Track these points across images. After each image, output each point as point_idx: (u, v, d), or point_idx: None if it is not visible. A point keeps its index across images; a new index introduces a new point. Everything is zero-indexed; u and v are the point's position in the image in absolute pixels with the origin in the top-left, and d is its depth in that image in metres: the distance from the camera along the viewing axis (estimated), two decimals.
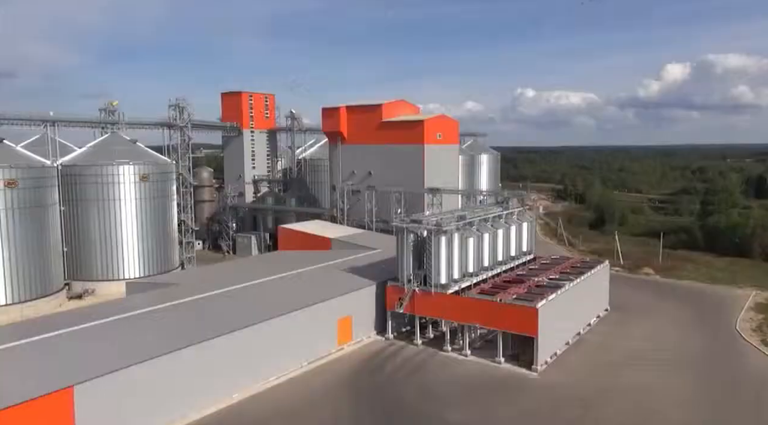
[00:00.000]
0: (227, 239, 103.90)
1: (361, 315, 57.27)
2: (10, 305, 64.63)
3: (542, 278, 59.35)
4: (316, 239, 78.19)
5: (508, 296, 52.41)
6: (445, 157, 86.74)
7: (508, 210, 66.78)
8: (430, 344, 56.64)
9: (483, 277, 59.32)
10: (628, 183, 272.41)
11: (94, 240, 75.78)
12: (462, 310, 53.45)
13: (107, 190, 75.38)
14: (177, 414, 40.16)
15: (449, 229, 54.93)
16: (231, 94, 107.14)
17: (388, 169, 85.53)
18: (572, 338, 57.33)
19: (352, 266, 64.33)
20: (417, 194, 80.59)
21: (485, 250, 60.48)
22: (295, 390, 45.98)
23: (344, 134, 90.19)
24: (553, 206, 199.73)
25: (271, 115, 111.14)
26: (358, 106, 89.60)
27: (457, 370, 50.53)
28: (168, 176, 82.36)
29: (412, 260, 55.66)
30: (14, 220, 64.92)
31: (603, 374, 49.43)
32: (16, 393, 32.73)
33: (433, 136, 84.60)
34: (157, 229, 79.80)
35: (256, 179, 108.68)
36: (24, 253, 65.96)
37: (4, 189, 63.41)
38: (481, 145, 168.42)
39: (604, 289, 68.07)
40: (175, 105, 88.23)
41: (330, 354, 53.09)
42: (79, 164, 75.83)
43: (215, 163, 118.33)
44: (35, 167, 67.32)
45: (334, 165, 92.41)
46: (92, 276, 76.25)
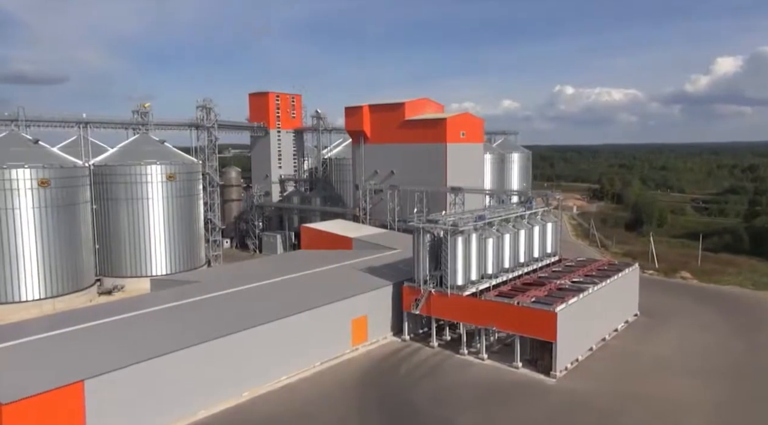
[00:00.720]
0: (254, 237, 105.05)
1: (377, 316, 56.77)
2: (43, 300, 66.75)
3: (565, 281, 57.61)
4: (338, 238, 78.09)
5: (527, 299, 50.99)
6: (468, 156, 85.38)
7: (532, 210, 65.16)
8: (446, 346, 55.71)
9: (503, 279, 57.99)
10: (670, 182, 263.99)
11: (124, 238, 77.62)
12: (478, 312, 52.34)
13: (136, 189, 77.09)
14: (187, 411, 40.50)
15: (466, 229, 53.88)
16: (258, 94, 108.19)
17: (410, 168, 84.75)
18: (596, 344, 55.46)
19: (370, 266, 63.91)
20: (439, 194, 79.55)
21: (506, 251, 59.13)
22: (305, 391, 45.82)
23: (367, 132, 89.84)
24: (588, 206, 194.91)
25: (298, 115, 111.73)
26: (381, 104, 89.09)
27: (472, 374, 49.47)
28: (194, 175, 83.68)
29: (429, 261, 54.84)
30: (47, 218, 66.98)
31: (625, 382, 47.53)
32: (29, 385, 33.53)
33: (456, 134, 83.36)
34: (183, 227, 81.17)
35: (283, 178, 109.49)
36: (56, 250, 67.98)
37: (37, 188, 65.46)
38: (511, 143, 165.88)
39: (633, 293, 65.68)
40: (202, 106, 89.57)
41: (344, 355, 52.77)
42: (110, 163, 77.78)
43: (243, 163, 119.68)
44: (67, 167, 69.33)
45: (357, 164, 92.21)
46: (122, 273, 78.11)
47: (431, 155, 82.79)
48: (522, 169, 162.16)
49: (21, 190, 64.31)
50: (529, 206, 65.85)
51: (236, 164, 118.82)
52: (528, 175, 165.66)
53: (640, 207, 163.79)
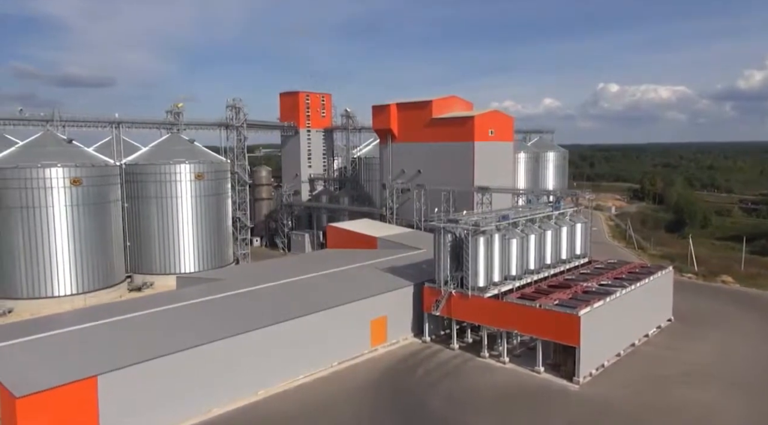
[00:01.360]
0: (282, 236, 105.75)
1: (397, 316, 56.06)
2: (75, 295, 68.61)
3: (592, 284, 55.61)
4: (363, 237, 77.65)
5: (549, 302, 49.38)
6: (497, 154, 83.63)
7: (560, 210, 63.24)
8: (467, 349, 54.55)
9: (527, 281, 56.42)
10: (717, 182, 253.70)
11: (154, 236, 79.15)
12: (499, 315, 51.01)
13: (165, 188, 78.50)
14: (200, 408, 40.69)
15: (488, 229, 52.60)
16: (288, 94, 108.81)
17: (437, 167, 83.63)
18: (624, 349, 53.35)
19: (393, 265, 63.21)
20: (467, 193, 78.16)
21: (531, 252, 57.54)
22: (320, 391, 45.50)
23: (394, 131, 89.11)
24: (628, 206, 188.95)
25: (328, 114, 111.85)
26: (408, 103, 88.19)
27: (492, 378, 48.21)
28: (222, 174, 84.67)
29: (450, 261, 53.79)
30: (79, 216, 68.82)
31: (653, 390, 45.45)
32: (44, 379, 34.20)
33: (484, 133, 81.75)
34: (211, 226, 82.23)
35: (312, 177, 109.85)
36: (88, 247, 69.76)
37: (70, 187, 67.34)
38: (547, 142, 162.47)
39: (666, 297, 63.01)
40: (231, 106, 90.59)
41: (362, 355, 52.27)
42: (140, 163, 79.46)
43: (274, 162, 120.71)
44: (98, 166, 71.06)
45: (384, 163, 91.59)
46: (152, 270, 79.67)
47: (459, 154, 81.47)
48: (558, 168, 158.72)
49: (55, 188, 66.27)
50: (556, 206, 63.96)
51: (267, 164, 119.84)
52: (564, 174, 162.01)
53: (682, 208, 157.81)
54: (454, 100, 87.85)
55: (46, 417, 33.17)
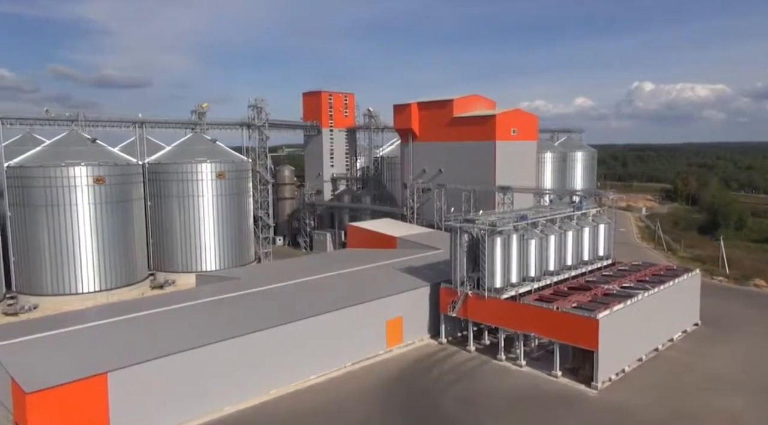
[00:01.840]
0: (305, 235, 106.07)
1: (413, 317, 55.40)
2: (97, 292, 69.89)
3: (613, 286, 54.05)
4: (382, 237, 77.17)
5: (567, 305, 48.11)
6: (520, 154, 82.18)
7: (582, 211, 61.68)
8: (484, 351, 53.57)
9: (546, 282, 55.15)
10: (756, 183, 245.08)
11: (176, 234, 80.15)
12: (516, 317, 49.95)
13: (187, 186, 79.42)
14: (212, 406, 40.71)
15: (505, 229, 51.53)
16: (311, 93, 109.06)
17: (458, 166, 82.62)
18: (647, 354, 51.65)
19: (410, 266, 62.56)
20: (488, 193, 76.96)
21: (550, 253, 56.17)
22: (332, 391, 45.18)
23: (415, 130, 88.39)
24: (660, 207, 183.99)
25: (351, 113, 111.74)
26: (430, 102, 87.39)
27: (507, 381, 47.17)
28: (243, 173, 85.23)
29: (467, 262, 52.89)
30: (102, 214, 70.09)
31: (675, 396, 43.83)
32: (55, 375, 34.61)
33: (506, 131, 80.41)
34: (232, 224, 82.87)
35: (335, 177, 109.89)
36: (110, 244, 70.98)
37: (93, 185, 68.63)
38: (575, 141, 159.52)
39: (693, 301, 60.85)
40: (253, 105, 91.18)
41: (377, 356, 51.78)
42: (162, 162, 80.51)
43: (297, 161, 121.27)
44: (121, 165, 72.25)
45: (405, 163, 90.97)
46: (174, 268, 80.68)
47: (480, 153, 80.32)
48: (586, 168, 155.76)
49: (78, 187, 67.58)
50: (578, 206, 62.42)
51: (290, 163, 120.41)
52: (592, 174, 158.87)
53: (716, 209, 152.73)
54: (475, 98, 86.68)
55: (56, 413, 33.54)
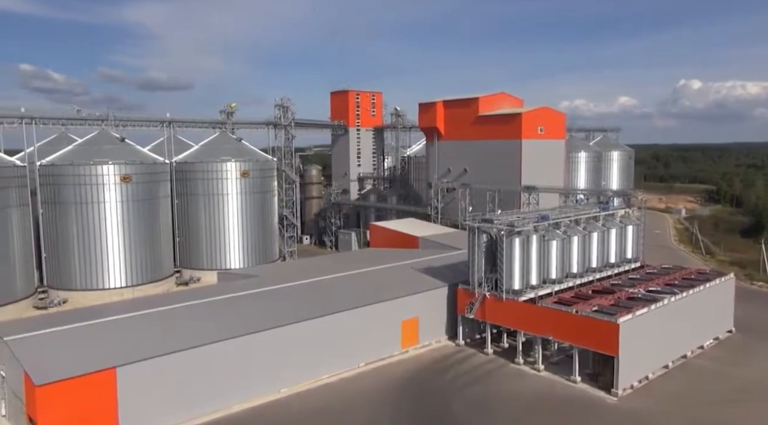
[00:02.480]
0: (330, 234, 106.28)
1: (430, 318, 54.55)
2: (124, 288, 71.33)
3: (638, 290, 52.01)
4: (405, 237, 76.49)
5: (587, 308, 46.46)
6: (547, 153, 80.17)
7: (608, 211, 59.66)
8: (502, 354, 52.33)
9: (569, 285, 53.53)
10: None
11: (201, 232, 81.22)
12: (534, 320, 48.55)
13: (212, 185, 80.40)
14: (221, 404, 40.79)
15: (524, 230, 50.18)
16: (339, 93, 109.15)
17: (483, 166, 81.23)
18: (673, 361, 49.48)
19: (430, 266, 61.67)
20: (513, 193, 75.32)
21: (573, 255, 54.51)
22: (343, 391, 44.78)
23: (440, 129, 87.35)
24: (701, 208, 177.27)
25: (378, 112, 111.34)
26: (455, 100, 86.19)
27: (524, 385, 45.88)
28: (268, 172, 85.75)
29: (485, 263, 51.72)
30: (129, 211, 71.48)
31: (700, 406, 41.81)
32: (66, 369, 35.23)
33: (532, 130, 78.57)
34: (257, 223, 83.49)
35: (361, 176, 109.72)
36: (137, 241, 72.35)
37: (120, 183, 70.15)
38: (611, 141, 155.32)
39: (726, 307, 58.08)
40: (279, 105, 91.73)
41: (392, 357, 51.16)
42: (189, 160, 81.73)
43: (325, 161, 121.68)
44: (147, 163, 73.62)
45: (430, 162, 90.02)
46: (200, 265, 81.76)
47: (505, 152, 78.76)
48: (622, 168, 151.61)
49: (106, 185, 69.14)
50: (605, 206, 60.39)
51: (318, 162, 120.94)
52: (629, 174, 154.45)
53: (761, 211, 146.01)
54: (502, 96, 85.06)
55: (65, 405, 34.09)
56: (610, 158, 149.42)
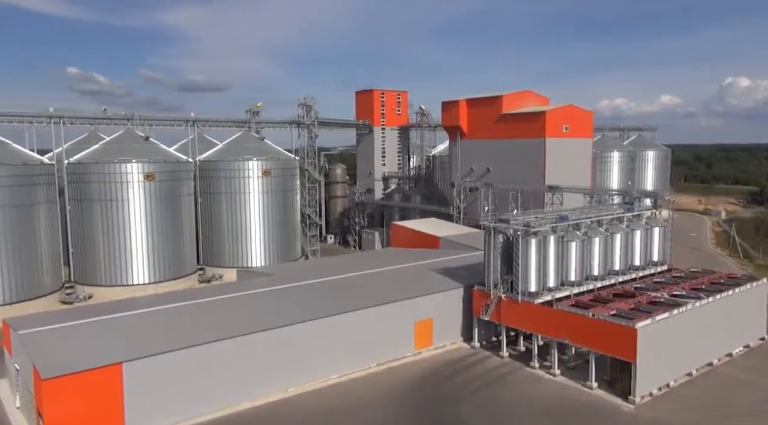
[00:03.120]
0: (354, 234, 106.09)
1: (444, 319, 53.63)
2: (147, 285, 72.56)
3: (661, 294, 49.94)
4: (425, 237, 75.61)
5: (605, 312, 44.82)
6: (572, 152, 78.00)
7: (633, 212, 57.62)
8: (518, 358, 51.01)
9: (589, 287, 51.84)
10: None
11: (224, 230, 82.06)
12: (550, 323, 47.14)
13: (235, 183, 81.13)
14: (228, 401, 40.76)
15: (541, 230, 48.79)
16: (363, 92, 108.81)
17: (506, 165, 79.66)
18: (698, 368, 47.34)
19: (447, 266, 60.69)
20: (536, 193, 73.58)
21: (594, 257, 52.79)
22: (351, 391, 44.32)
23: (463, 128, 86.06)
24: (743, 211, 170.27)
25: (403, 112, 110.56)
26: (478, 98, 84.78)
27: (538, 390, 44.56)
28: (290, 171, 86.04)
29: (501, 264, 50.52)
30: (152, 209, 72.69)
31: (723, 417, 39.82)
32: (74, 363, 35.72)
33: (557, 128, 76.58)
34: (279, 221, 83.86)
35: (386, 175, 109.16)
36: (160, 238, 73.50)
37: (143, 181, 71.41)
38: (647, 140, 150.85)
39: (759, 313, 55.38)
40: (303, 103, 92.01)
41: (404, 358, 50.47)
42: (212, 159, 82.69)
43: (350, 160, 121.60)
44: (170, 162, 74.74)
45: (453, 161, 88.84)
46: (222, 263, 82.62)
47: (529, 151, 77.03)
48: (658, 169, 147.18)
49: (130, 183, 70.47)
50: (629, 207, 58.33)
51: (342, 162, 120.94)
52: (665, 175, 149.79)
53: None
54: (527, 94, 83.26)
55: (71, 399, 34.47)
56: (644, 158, 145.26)
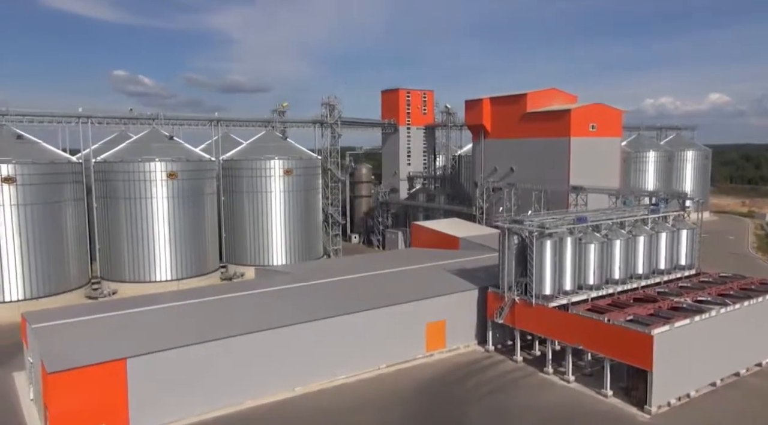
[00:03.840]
0: (377, 233, 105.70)
1: (458, 321, 52.62)
2: (169, 282, 73.77)
3: (684, 299, 47.80)
4: (445, 237, 74.59)
5: (621, 317, 43.11)
6: (599, 151, 75.61)
7: (658, 214, 55.38)
8: (533, 362, 49.64)
9: (609, 291, 50.03)
10: None
11: (246, 228, 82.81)
12: (564, 327, 45.71)
13: (257, 182, 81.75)
14: (232, 399, 40.82)
15: (557, 232, 47.32)
16: (389, 91, 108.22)
17: (530, 164, 77.87)
18: (723, 379, 45.08)
19: (463, 267, 59.60)
20: (560, 193, 71.67)
21: (615, 259, 50.90)
22: (357, 392, 43.87)
23: (487, 127, 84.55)
24: None
25: (429, 111, 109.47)
26: (502, 97, 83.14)
27: (548, 396, 43.21)
28: (312, 170, 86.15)
29: (515, 266, 49.25)
30: (175, 207, 73.83)
31: None
32: (80, 358, 36.35)
33: (583, 127, 74.39)
34: (300, 220, 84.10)
35: (411, 175, 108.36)
36: (183, 236, 74.60)
37: (166, 180, 72.62)
38: (686, 140, 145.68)
39: None
40: (326, 103, 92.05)
41: (414, 360, 49.75)
42: (235, 158, 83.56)
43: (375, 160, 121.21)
44: (192, 161, 75.78)
45: (476, 161, 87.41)
46: (244, 261, 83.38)
47: (553, 151, 75.09)
48: (697, 169, 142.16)
49: (153, 181, 71.75)
50: (655, 208, 56.06)
51: (368, 161, 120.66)
52: (705, 175, 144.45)
53: None
54: (553, 92, 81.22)
55: (75, 394, 34.95)
56: (683, 158, 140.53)
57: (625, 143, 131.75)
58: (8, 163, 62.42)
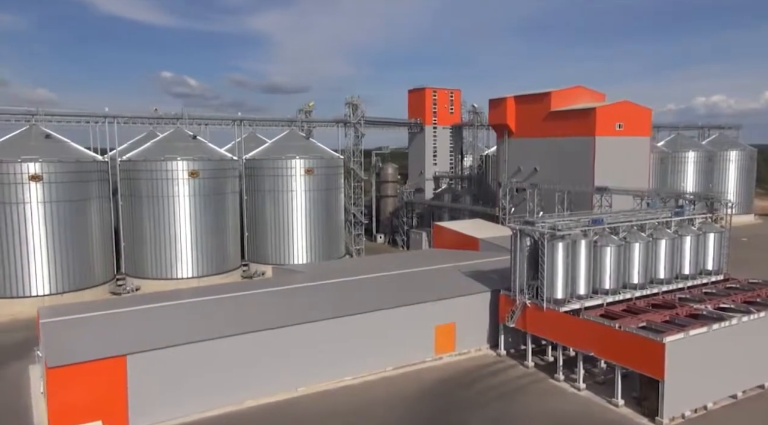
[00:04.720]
0: (402, 233, 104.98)
1: (469, 324, 51.54)
2: (191, 279, 74.93)
3: (705, 306, 45.46)
4: (465, 238, 73.40)
5: (634, 323, 41.29)
6: (626, 151, 72.88)
7: (682, 217, 52.96)
8: (544, 368, 48.17)
9: (626, 296, 48.12)
10: None
11: (268, 227, 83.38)
12: (574, 333, 44.14)
13: (279, 181, 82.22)
14: (232, 399, 40.81)
15: (570, 234, 45.74)
16: (416, 90, 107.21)
17: (554, 164, 75.75)
18: (745, 391, 42.65)
19: (480, 269, 58.44)
20: (584, 194, 69.38)
21: (634, 263, 48.95)
22: (360, 394, 43.38)
23: (511, 126, 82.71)
24: None
25: (456, 110, 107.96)
26: (526, 95, 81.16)
27: (557, 404, 41.76)
28: (334, 170, 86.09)
29: (527, 268, 47.88)
30: (197, 205, 74.94)
31: None
32: (81, 353, 37.06)
33: (609, 126, 71.84)
34: (322, 220, 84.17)
35: (437, 175, 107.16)
36: (204, 234, 75.65)
37: (188, 178, 73.83)
38: (729, 139, 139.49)
39: None
40: (349, 103, 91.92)
41: (422, 363, 48.96)
42: (257, 157, 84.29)
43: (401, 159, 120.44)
44: (214, 160, 76.80)
45: (500, 161, 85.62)
46: (265, 260, 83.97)
47: (577, 150, 72.85)
48: (741, 170, 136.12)
49: (176, 180, 73.02)
50: (679, 210, 53.62)
51: (394, 161, 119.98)
52: (750, 176, 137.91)
53: None
54: (579, 90, 78.80)
55: (75, 389, 35.49)
56: (726, 159, 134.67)
57: (662, 143, 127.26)
58: (35, 161, 64.57)
